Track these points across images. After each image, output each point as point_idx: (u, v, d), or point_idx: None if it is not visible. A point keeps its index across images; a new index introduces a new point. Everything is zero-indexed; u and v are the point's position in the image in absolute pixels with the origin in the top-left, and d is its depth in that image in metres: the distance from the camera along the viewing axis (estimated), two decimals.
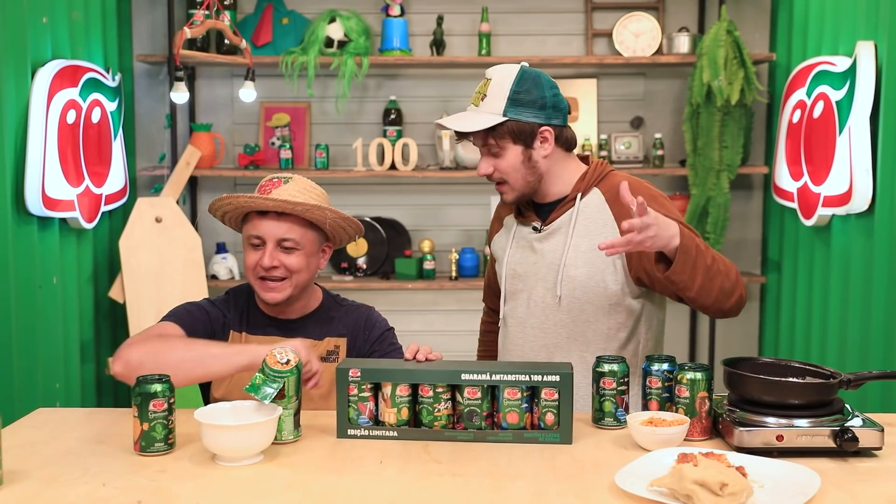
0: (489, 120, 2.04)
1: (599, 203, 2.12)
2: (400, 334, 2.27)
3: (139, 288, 3.67)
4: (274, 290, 2.08)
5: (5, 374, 2.94)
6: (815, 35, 3.57)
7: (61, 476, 1.61)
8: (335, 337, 2.16)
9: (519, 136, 2.06)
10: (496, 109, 2.05)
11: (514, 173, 2.09)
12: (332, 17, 4.00)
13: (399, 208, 4.26)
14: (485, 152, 2.10)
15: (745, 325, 4.29)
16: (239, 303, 2.18)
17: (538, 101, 2.06)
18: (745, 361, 1.88)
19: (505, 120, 2.04)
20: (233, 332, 2.14)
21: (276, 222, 2.05)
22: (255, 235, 2.06)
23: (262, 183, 2.08)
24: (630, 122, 4.22)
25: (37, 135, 3.09)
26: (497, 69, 2.09)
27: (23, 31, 3.01)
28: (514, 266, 2.20)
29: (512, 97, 2.04)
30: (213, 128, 4.14)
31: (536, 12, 4.18)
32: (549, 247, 2.13)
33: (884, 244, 3.03)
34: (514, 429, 1.80)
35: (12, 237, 2.97)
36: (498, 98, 2.05)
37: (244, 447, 1.67)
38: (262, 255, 2.06)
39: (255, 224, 2.06)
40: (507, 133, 2.05)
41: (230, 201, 2.05)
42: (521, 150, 2.07)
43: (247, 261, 2.09)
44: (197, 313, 2.11)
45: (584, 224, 2.11)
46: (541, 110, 2.07)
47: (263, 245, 2.06)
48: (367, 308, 2.26)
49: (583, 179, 2.15)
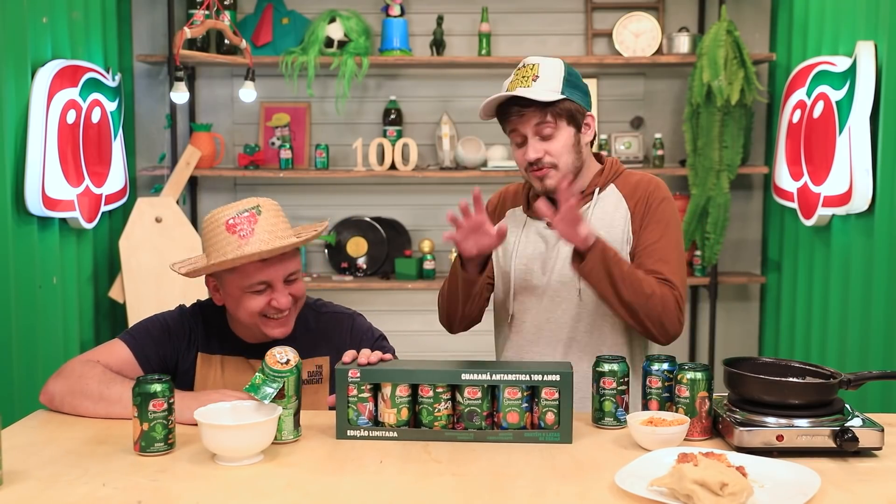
0: (552, 95, 2.05)
1: (617, 199, 2.14)
2: (400, 334, 2.26)
3: (139, 288, 3.67)
4: (285, 324, 2.01)
5: (5, 374, 2.94)
6: (815, 35, 3.57)
7: (61, 476, 1.61)
8: (317, 357, 2.09)
9: (573, 118, 2.08)
10: (555, 87, 2.06)
11: (566, 156, 2.08)
12: (332, 17, 4.00)
13: (399, 208, 4.26)
14: (534, 135, 2.08)
15: (745, 325, 4.29)
16: (210, 323, 2.09)
17: (583, 87, 2.12)
18: (745, 361, 1.88)
19: (565, 98, 2.06)
20: (203, 355, 2.06)
21: (278, 262, 1.95)
22: (260, 282, 1.94)
23: (232, 222, 1.91)
24: (630, 122, 4.22)
25: (37, 135, 3.09)
26: (539, 57, 2.11)
27: (23, 31, 3.01)
28: (526, 261, 2.17)
29: (567, 78, 2.07)
30: (213, 128, 4.14)
31: (536, 12, 4.18)
32: (565, 244, 2.11)
33: (884, 244, 3.03)
34: (515, 428, 1.80)
35: (12, 237, 2.97)
36: (554, 78, 2.06)
37: (244, 447, 1.67)
38: (270, 297, 1.96)
39: (255, 272, 1.94)
40: (564, 112, 2.07)
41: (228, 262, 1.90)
42: (573, 133, 2.09)
43: (249, 306, 1.96)
44: (156, 333, 2.04)
45: (599, 217, 2.12)
46: (585, 96, 2.12)
47: (269, 288, 1.96)
48: (350, 316, 2.16)
49: (600, 175, 2.17)
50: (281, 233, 1.95)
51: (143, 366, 2.02)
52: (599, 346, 2.12)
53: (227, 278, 1.97)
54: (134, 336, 2.05)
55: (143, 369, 2.01)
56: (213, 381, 2.07)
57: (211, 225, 1.96)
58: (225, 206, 1.97)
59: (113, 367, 1.98)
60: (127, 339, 2.04)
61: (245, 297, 1.97)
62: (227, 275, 1.97)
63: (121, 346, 2.02)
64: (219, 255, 1.93)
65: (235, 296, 1.98)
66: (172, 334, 2.06)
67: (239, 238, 1.91)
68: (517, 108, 2.07)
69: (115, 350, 2.02)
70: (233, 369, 2.07)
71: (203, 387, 2.05)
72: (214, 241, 1.94)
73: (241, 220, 1.92)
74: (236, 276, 1.95)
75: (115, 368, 1.98)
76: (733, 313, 4.28)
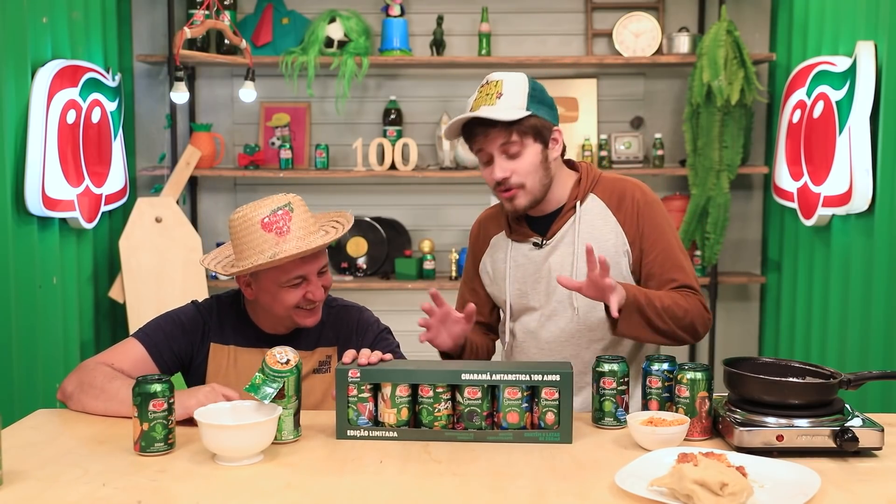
0: (516, 113, 2.00)
1: (600, 209, 2.11)
2: (400, 334, 2.26)
3: (139, 288, 3.67)
4: (316, 313, 2.08)
5: (5, 374, 2.94)
6: (815, 35, 3.57)
7: (61, 476, 1.61)
8: (326, 346, 2.14)
9: (539, 134, 2.03)
10: (519, 104, 2.01)
11: (534, 175, 2.04)
12: (332, 17, 4.00)
13: (399, 208, 4.26)
14: (500, 154, 2.03)
15: (745, 325, 4.29)
16: (225, 314, 2.14)
17: (549, 101, 2.08)
18: (745, 361, 1.88)
19: (530, 114, 2.01)
20: (215, 345, 2.11)
21: (314, 258, 2.02)
22: (297, 276, 2.00)
23: (268, 220, 1.97)
24: (630, 122, 4.22)
25: (37, 135, 3.09)
26: (503, 73, 2.06)
27: (23, 31, 3.01)
28: (520, 286, 2.16)
29: (531, 93, 2.03)
30: (213, 128, 4.14)
31: (536, 12, 4.18)
32: (557, 260, 2.11)
33: (884, 244, 3.03)
34: (515, 428, 1.80)
35: (12, 237, 2.97)
36: (518, 94, 2.02)
37: (244, 447, 1.67)
38: (305, 289, 2.02)
39: (293, 268, 2.00)
40: (530, 129, 2.01)
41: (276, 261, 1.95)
42: (540, 150, 2.04)
43: (286, 300, 2.01)
44: (169, 328, 2.09)
45: (587, 231, 2.10)
46: (551, 110, 2.08)
47: (305, 280, 2.02)
48: (358, 309, 2.22)
49: (578, 186, 2.13)
50: (312, 227, 2.02)
51: (157, 362, 2.06)
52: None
53: (263, 275, 2.02)
54: (147, 333, 2.09)
55: (157, 366, 2.06)
56: (226, 370, 2.10)
57: (244, 223, 1.99)
58: (254, 205, 2.00)
59: (127, 365, 2.02)
60: (140, 337, 2.08)
61: (282, 292, 2.02)
62: (265, 271, 2.01)
63: (134, 344, 2.06)
64: (259, 253, 1.97)
65: (272, 290, 2.03)
66: (186, 330, 2.10)
67: (277, 236, 1.96)
68: (482, 128, 2.02)
69: (129, 348, 2.06)
70: (246, 360, 2.10)
71: (215, 377, 2.09)
72: (250, 239, 1.98)
73: (276, 218, 1.97)
74: (274, 272, 2.00)
75: (129, 366, 2.02)
76: (733, 313, 4.28)
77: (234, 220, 2.01)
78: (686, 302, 2.03)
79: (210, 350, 2.11)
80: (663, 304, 1.99)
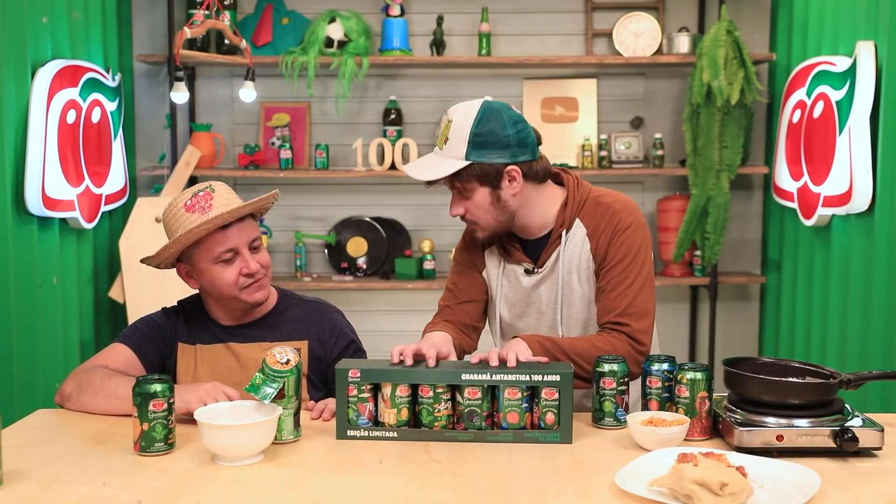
0: (452, 165, 1.98)
1: (581, 238, 2.08)
2: (400, 334, 2.27)
3: (139, 288, 3.67)
4: (263, 287, 2.09)
5: (5, 374, 2.94)
6: (815, 35, 3.57)
7: (61, 476, 1.61)
8: (295, 340, 2.15)
9: (485, 179, 1.99)
10: (458, 153, 1.97)
11: (485, 214, 2.04)
12: (332, 17, 4.00)
13: (399, 208, 4.26)
14: (454, 193, 2.06)
15: (745, 325, 4.29)
16: (188, 315, 2.17)
17: (501, 140, 1.97)
18: (745, 361, 1.88)
19: (468, 164, 1.97)
20: (182, 345, 2.14)
21: (239, 229, 2.05)
22: (226, 250, 2.02)
23: (189, 203, 2.01)
24: (630, 122, 4.22)
25: (37, 135, 3.09)
26: (458, 108, 2.01)
27: (23, 31, 3.01)
28: (511, 304, 2.16)
29: (472, 140, 1.96)
30: (213, 128, 4.14)
31: (536, 12, 4.18)
32: (545, 289, 2.11)
33: (884, 244, 3.03)
34: (515, 428, 1.80)
35: (12, 237, 2.97)
36: (459, 141, 1.97)
37: (244, 447, 1.67)
38: (241, 264, 2.04)
39: (221, 240, 2.02)
40: (472, 176, 1.98)
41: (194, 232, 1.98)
42: (489, 192, 2.01)
43: (224, 278, 2.03)
44: (148, 330, 2.14)
45: (569, 261, 2.08)
46: (505, 149, 1.98)
47: (237, 255, 2.04)
48: (329, 308, 2.23)
49: (564, 209, 2.09)
50: (235, 202, 2.06)
51: (143, 362, 2.10)
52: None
53: (195, 256, 2.05)
54: (130, 336, 2.13)
55: (143, 366, 2.09)
56: (193, 370, 2.13)
57: (171, 212, 2.06)
58: (179, 194, 2.07)
59: (120, 366, 2.06)
60: (124, 340, 2.12)
61: (217, 271, 2.04)
62: (195, 252, 2.04)
63: (120, 347, 2.10)
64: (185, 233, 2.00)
65: (208, 272, 2.05)
66: (161, 331, 2.15)
67: (199, 214, 2.01)
68: None
69: (116, 351, 2.10)
70: (211, 356, 2.13)
71: (184, 377, 2.12)
72: (176, 224, 2.03)
73: (198, 199, 2.02)
74: (203, 249, 2.03)
75: (122, 366, 2.06)
76: (733, 313, 4.28)
77: (164, 214, 2.08)
78: (610, 339, 1.99)
79: (178, 351, 2.14)
80: (577, 350, 1.96)
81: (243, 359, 2.10)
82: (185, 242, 2.01)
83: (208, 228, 2.00)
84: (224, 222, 2.01)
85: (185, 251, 2.05)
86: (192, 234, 1.99)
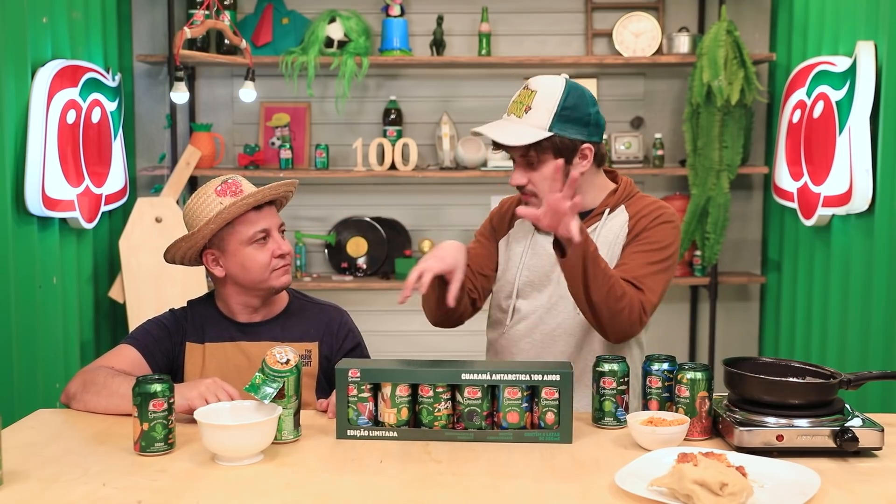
0: (535, 134, 2.00)
1: (622, 222, 2.10)
2: (400, 334, 2.27)
3: (139, 288, 3.67)
4: (287, 272, 2.13)
5: (5, 374, 2.94)
6: (815, 35, 3.57)
7: (61, 476, 1.61)
8: (306, 341, 2.17)
9: (561, 152, 2.02)
10: (542, 124, 2.01)
11: (549, 187, 2.01)
12: (332, 17, 4.00)
13: (399, 208, 4.26)
14: (521, 163, 2.06)
15: (745, 325, 4.29)
16: (199, 314, 2.18)
17: (583, 118, 2.03)
18: (745, 361, 1.88)
19: (550, 135, 2.01)
20: (191, 345, 2.15)
21: (270, 212, 2.11)
22: (260, 230, 2.08)
23: (220, 189, 2.07)
24: (630, 122, 4.22)
25: (37, 135, 3.09)
26: (542, 81, 2.05)
27: (23, 31, 3.01)
28: (529, 273, 2.16)
29: (559, 113, 2.01)
30: (213, 128, 4.15)
31: (536, 12, 4.18)
32: None
33: (884, 244, 3.03)
34: (515, 428, 1.80)
35: (12, 237, 2.97)
36: (544, 112, 2.01)
37: (244, 447, 1.67)
38: (273, 245, 2.09)
39: (255, 220, 2.08)
40: (550, 148, 2.01)
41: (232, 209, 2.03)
42: (561, 165, 2.01)
43: (258, 258, 2.08)
44: (156, 331, 2.15)
45: (605, 238, 2.09)
46: (584, 127, 2.04)
47: (268, 236, 2.10)
48: (340, 311, 2.26)
49: (612, 195, 2.13)
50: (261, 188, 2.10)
51: (150, 363, 2.11)
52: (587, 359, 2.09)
53: (227, 239, 2.08)
54: (137, 338, 2.14)
55: (150, 367, 2.10)
56: (201, 368, 2.13)
57: (199, 200, 2.08)
58: (203, 186, 2.10)
59: (126, 367, 2.07)
60: (131, 341, 2.13)
61: (251, 252, 2.08)
62: (227, 234, 2.07)
63: (127, 349, 2.11)
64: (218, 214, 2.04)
65: (240, 255, 2.08)
66: (170, 332, 2.16)
67: (233, 196, 2.05)
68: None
69: (123, 353, 2.11)
70: (220, 355, 2.14)
71: (192, 376, 2.13)
72: (208, 208, 2.06)
73: (228, 186, 2.07)
74: (236, 230, 2.07)
75: (127, 367, 2.07)
76: (733, 313, 4.28)
77: (190, 203, 2.10)
78: (630, 289, 1.97)
79: (186, 350, 2.15)
80: (607, 273, 1.93)
81: (254, 358, 2.11)
82: (227, 218, 2.04)
83: (248, 203, 2.04)
84: (261, 200, 2.06)
85: (214, 236, 2.07)
86: (233, 210, 2.03)
